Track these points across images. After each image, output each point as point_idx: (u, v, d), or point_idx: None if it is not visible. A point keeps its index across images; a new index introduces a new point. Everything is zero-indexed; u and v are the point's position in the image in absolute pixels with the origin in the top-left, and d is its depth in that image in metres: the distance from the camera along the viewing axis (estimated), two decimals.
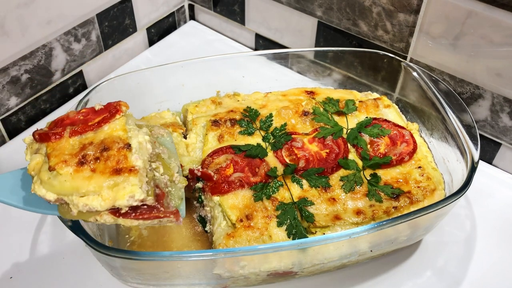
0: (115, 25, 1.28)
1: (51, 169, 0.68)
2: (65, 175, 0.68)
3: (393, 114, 1.01)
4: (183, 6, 1.48)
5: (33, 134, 0.73)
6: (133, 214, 0.70)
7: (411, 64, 1.03)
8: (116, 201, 0.67)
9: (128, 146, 0.70)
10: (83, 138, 0.72)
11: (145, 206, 0.70)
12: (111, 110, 0.75)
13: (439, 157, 0.95)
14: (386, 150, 0.93)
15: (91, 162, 0.68)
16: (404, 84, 1.06)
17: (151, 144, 0.75)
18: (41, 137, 0.72)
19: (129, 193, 0.67)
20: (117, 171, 0.67)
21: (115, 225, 0.94)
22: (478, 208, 1.00)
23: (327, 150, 0.92)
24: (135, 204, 0.68)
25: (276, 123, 0.97)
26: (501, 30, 0.93)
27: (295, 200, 0.84)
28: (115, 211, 0.69)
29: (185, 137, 0.98)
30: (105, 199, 0.67)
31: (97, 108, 0.77)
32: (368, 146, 0.94)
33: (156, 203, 0.71)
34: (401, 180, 0.88)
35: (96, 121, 0.74)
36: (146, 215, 0.70)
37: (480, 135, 1.07)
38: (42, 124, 1.18)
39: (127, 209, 0.69)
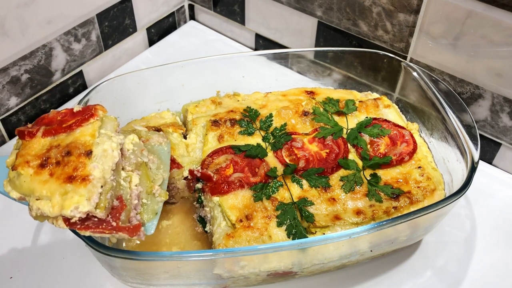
0: (115, 25, 1.28)
1: (13, 168, 0.70)
2: (25, 175, 0.68)
3: (393, 114, 1.01)
4: (183, 6, 1.48)
5: (16, 130, 0.75)
6: (79, 226, 0.68)
7: (411, 64, 1.03)
8: (62, 210, 0.66)
9: (89, 153, 0.69)
10: (54, 140, 0.72)
11: (95, 219, 0.68)
12: (87, 114, 0.74)
13: (439, 157, 0.95)
14: (386, 150, 0.93)
15: (51, 165, 0.68)
16: (404, 84, 1.05)
17: (130, 157, 0.75)
18: (19, 134, 0.74)
19: (75, 204, 0.66)
20: (70, 179, 0.67)
21: None
22: (478, 208, 1.00)
23: (327, 150, 0.92)
24: (78, 215, 0.66)
25: (276, 123, 0.97)
26: (501, 30, 0.93)
27: (295, 200, 0.84)
28: (66, 219, 0.68)
29: (185, 137, 0.98)
30: (54, 205, 0.66)
31: (75, 109, 0.76)
32: (368, 146, 0.94)
33: (109, 217, 0.69)
34: (401, 180, 0.88)
35: (70, 123, 0.73)
36: (93, 228, 0.68)
37: (480, 135, 1.07)
38: None
39: (76, 219, 0.67)
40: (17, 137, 0.75)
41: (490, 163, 1.11)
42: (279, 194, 0.84)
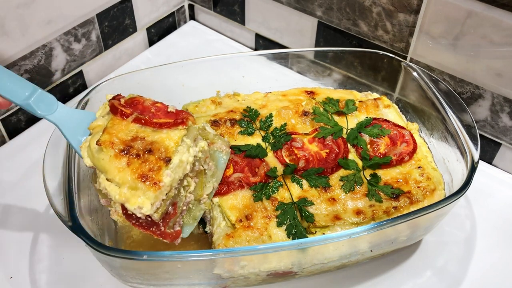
0: (115, 25, 1.28)
1: (98, 143, 0.72)
2: (105, 154, 0.72)
3: (393, 114, 1.01)
4: (183, 6, 1.48)
5: (109, 101, 0.79)
6: (134, 221, 0.73)
7: (411, 64, 1.03)
8: (126, 203, 0.70)
9: (168, 160, 0.72)
10: (140, 129, 0.75)
11: (149, 219, 0.72)
12: (178, 119, 0.77)
13: (439, 157, 0.95)
14: (386, 150, 0.93)
15: (132, 156, 0.71)
16: (404, 84, 1.05)
17: (195, 164, 0.77)
18: (111, 108, 0.77)
19: (139, 204, 0.69)
20: (144, 178, 0.70)
21: (115, 225, 0.94)
22: (478, 208, 1.00)
23: (327, 150, 0.92)
24: (139, 215, 0.70)
25: (276, 123, 0.97)
26: (501, 30, 0.93)
27: (295, 200, 0.84)
28: (124, 207, 0.72)
29: None
30: (120, 195, 0.70)
31: (169, 109, 0.79)
32: (368, 146, 0.94)
33: (161, 221, 0.73)
34: (401, 180, 0.88)
35: (160, 121, 0.76)
36: (144, 227, 0.73)
37: (480, 135, 1.07)
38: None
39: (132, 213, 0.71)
40: (107, 101, 0.78)
41: (490, 163, 1.11)
42: (279, 194, 0.84)
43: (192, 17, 1.52)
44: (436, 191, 0.87)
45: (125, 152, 0.72)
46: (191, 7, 1.50)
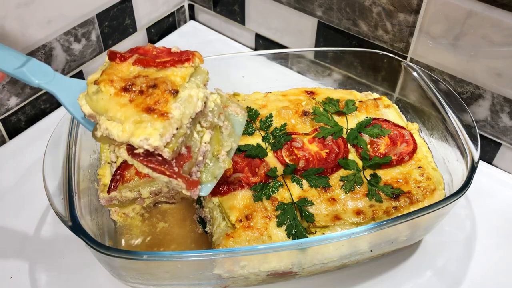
0: (115, 25, 1.28)
1: (96, 83, 0.67)
2: (105, 93, 0.66)
3: (393, 114, 1.01)
4: (183, 6, 1.48)
5: (108, 51, 0.74)
6: (142, 158, 0.65)
7: (411, 64, 1.03)
8: (131, 137, 0.63)
9: (175, 92, 0.66)
10: (143, 70, 0.69)
11: (160, 158, 0.65)
12: (183, 57, 0.71)
13: (439, 157, 0.95)
14: (386, 150, 0.93)
15: (134, 93, 0.66)
16: (404, 84, 1.05)
17: (208, 114, 0.71)
18: (110, 56, 0.72)
19: (146, 135, 0.62)
20: (149, 110, 0.64)
21: (115, 225, 0.94)
22: (478, 208, 1.00)
23: (327, 150, 0.92)
24: (146, 147, 0.63)
25: (276, 123, 0.97)
26: (501, 30, 0.93)
27: (295, 200, 0.84)
28: (130, 148, 0.65)
29: None
30: (123, 131, 0.64)
31: (173, 49, 0.74)
32: (368, 146, 0.94)
33: (174, 160, 0.66)
34: (401, 180, 0.88)
35: (164, 60, 0.71)
36: (154, 165, 0.65)
37: (480, 135, 1.07)
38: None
39: (141, 151, 0.64)
40: (101, 67, 0.74)
41: (490, 163, 1.11)
42: (279, 194, 0.84)
43: (192, 17, 1.52)
44: (436, 191, 0.87)
45: (127, 89, 0.66)
46: (191, 7, 1.50)
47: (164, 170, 0.65)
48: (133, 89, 0.66)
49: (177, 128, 0.65)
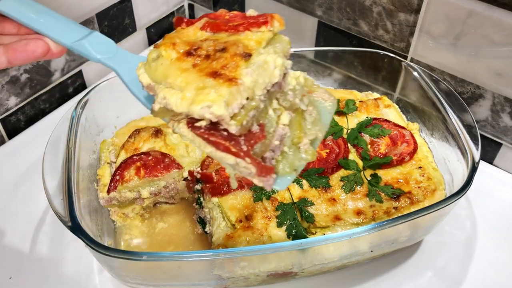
0: (114, 25, 1.28)
1: (155, 46, 0.59)
2: (165, 58, 0.58)
3: (393, 114, 1.01)
4: (183, 6, 1.48)
5: (174, 18, 0.67)
6: (203, 131, 0.55)
7: (411, 64, 1.03)
8: (191, 105, 0.53)
9: (247, 55, 0.56)
10: (211, 35, 0.60)
11: (225, 133, 0.55)
12: (259, 19, 0.62)
13: (439, 157, 0.95)
14: (386, 150, 0.92)
15: (199, 57, 0.57)
16: (404, 84, 1.05)
17: (284, 84, 0.61)
18: (176, 21, 0.64)
19: (208, 101, 0.52)
20: (215, 75, 0.54)
21: (114, 225, 0.94)
22: (479, 208, 1.00)
23: (327, 150, 0.92)
24: (208, 116, 0.53)
25: None
26: (501, 30, 0.92)
27: (295, 200, 0.84)
28: (191, 122, 0.55)
29: None
30: (183, 98, 0.54)
31: (248, 13, 0.65)
32: (369, 146, 0.94)
33: (242, 138, 0.55)
34: (401, 181, 0.87)
35: (237, 23, 0.62)
36: (219, 140, 0.54)
37: (481, 135, 1.07)
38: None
39: (203, 123, 0.54)
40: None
41: (491, 163, 1.11)
42: (279, 195, 0.84)
43: (192, 16, 1.52)
44: (436, 191, 0.87)
45: (191, 53, 0.57)
46: (191, 7, 1.49)
47: (229, 146, 0.54)
48: (198, 53, 0.57)
49: (247, 98, 0.55)
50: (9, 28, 0.67)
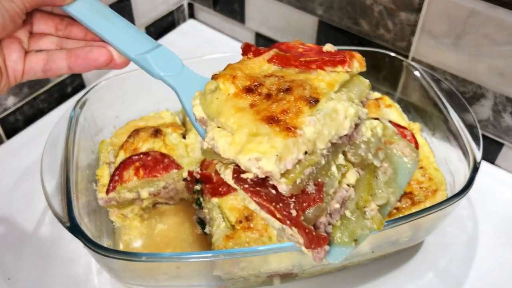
0: None
1: (214, 77, 0.54)
2: (222, 92, 0.52)
3: (394, 114, 1.00)
4: (182, 5, 1.47)
5: (243, 44, 0.61)
6: (248, 186, 0.47)
7: (412, 63, 1.02)
8: (238, 154, 0.47)
9: (314, 101, 0.49)
10: (278, 70, 0.54)
11: (273, 191, 0.47)
12: (336, 57, 0.53)
13: (441, 158, 0.94)
14: None
15: (259, 95, 0.50)
16: (405, 83, 1.05)
17: (355, 135, 0.53)
18: (244, 49, 0.60)
19: (258, 153, 0.46)
20: (271, 120, 0.47)
21: (113, 226, 0.93)
22: (481, 208, 0.99)
23: None
24: (255, 171, 0.46)
25: None
26: (503, 29, 0.92)
27: None
28: (238, 170, 0.49)
29: (184, 137, 0.98)
30: (232, 143, 0.48)
31: (325, 48, 0.58)
32: None
33: (293, 199, 0.48)
34: None
35: (310, 59, 0.54)
36: (262, 199, 0.47)
37: (483, 135, 1.06)
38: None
39: (250, 176, 0.47)
40: None
41: (493, 163, 1.10)
42: None
43: (192, 15, 1.51)
44: (438, 191, 0.86)
45: (251, 90, 0.50)
46: (190, 6, 1.49)
47: (274, 209, 0.46)
48: (259, 90, 0.50)
49: (305, 153, 0.47)
50: (76, 33, 0.64)
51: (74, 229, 0.72)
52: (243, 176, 0.48)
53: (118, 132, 1.00)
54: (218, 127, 0.51)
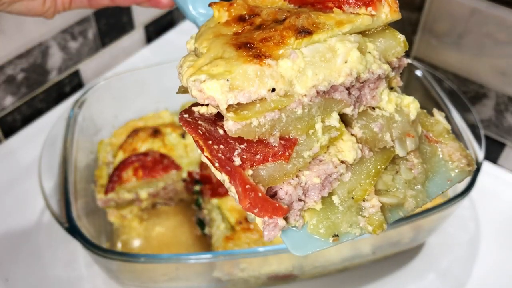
0: (112, 23, 1.27)
1: (210, 4, 0.46)
2: (214, 20, 0.45)
3: None
4: None
5: None
6: (191, 119, 0.39)
7: (414, 62, 1.01)
8: (188, 77, 0.40)
9: (304, 32, 0.39)
10: (294, 8, 0.44)
11: (221, 132, 0.39)
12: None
13: None
14: None
15: (250, 25, 0.42)
16: (407, 83, 1.04)
17: (379, 94, 0.41)
18: None
19: (205, 75, 0.38)
20: (243, 46, 0.39)
21: (112, 227, 0.93)
22: (482, 209, 0.99)
23: None
24: (195, 94, 0.38)
25: None
26: (505, 29, 0.91)
27: None
28: (187, 110, 0.42)
29: (183, 137, 0.97)
30: (191, 67, 0.40)
31: None
32: None
33: (243, 144, 0.39)
34: None
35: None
36: (197, 133, 0.38)
37: (485, 135, 1.06)
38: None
39: (202, 110, 0.41)
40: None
41: (495, 163, 1.09)
42: None
43: None
44: None
45: (243, 19, 0.43)
46: None
47: (204, 146, 0.37)
48: (253, 20, 0.42)
49: (273, 90, 0.37)
50: None
51: (73, 230, 0.71)
52: (194, 108, 0.40)
53: (117, 132, 0.99)
54: (197, 51, 0.43)
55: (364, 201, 0.43)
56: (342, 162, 0.42)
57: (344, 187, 0.42)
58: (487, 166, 1.08)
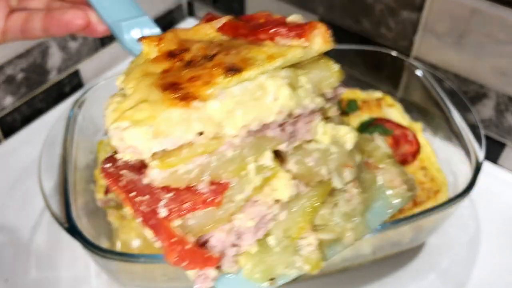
0: None
1: (140, 39, 0.45)
2: (143, 56, 0.44)
3: (396, 113, 1.00)
4: (181, 4, 1.47)
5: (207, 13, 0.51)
6: (112, 169, 0.38)
7: (414, 62, 1.01)
8: (112, 122, 0.38)
9: (233, 70, 0.37)
10: (227, 40, 0.43)
11: (141, 179, 0.36)
12: (297, 30, 0.43)
13: (443, 158, 0.93)
14: None
15: (180, 61, 0.40)
16: (407, 83, 1.04)
17: (313, 127, 0.40)
18: (206, 19, 0.48)
19: (127, 121, 0.36)
20: (170, 86, 0.37)
21: (112, 227, 0.93)
22: (483, 209, 0.99)
23: None
24: (116, 144, 0.37)
25: None
26: (506, 28, 0.91)
27: None
28: (109, 159, 0.41)
29: None
30: (115, 111, 0.38)
31: (289, 18, 0.48)
32: None
33: (171, 193, 0.36)
34: None
35: (265, 28, 0.43)
36: (116, 185, 0.37)
37: (485, 135, 1.05)
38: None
39: (126, 158, 0.38)
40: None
41: (495, 163, 1.09)
42: None
43: (191, 14, 1.51)
44: (440, 192, 0.86)
45: (174, 55, 0.41)
46: (189, 5, 1.48)
47: (126, 199, 0.35)
48: (183, 56, 0.40)
49: (200, 134, 0.36)
50: None
51: (73, 230, 0.71)
52: (117, 155, 0.37)
53: None
54: (123, 95, 0.41)
55: (301, 239, 0.41)
56: (277, 201, 0.39)
57: (280, 227, 0.40)
58: (487, 166, 1.08)
